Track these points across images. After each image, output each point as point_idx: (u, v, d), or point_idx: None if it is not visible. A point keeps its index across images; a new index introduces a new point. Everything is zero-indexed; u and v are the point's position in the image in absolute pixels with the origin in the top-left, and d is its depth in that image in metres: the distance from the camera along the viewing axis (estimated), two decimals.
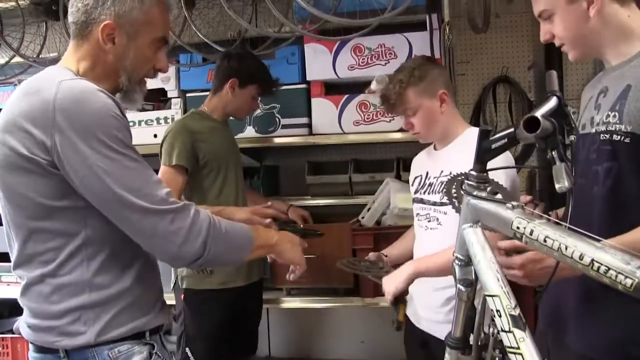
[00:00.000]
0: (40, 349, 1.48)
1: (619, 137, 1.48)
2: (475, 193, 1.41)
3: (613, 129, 1.49)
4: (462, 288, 1.45)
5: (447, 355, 1.52)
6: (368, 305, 3.03)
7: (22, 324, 1.52)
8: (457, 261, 1.48)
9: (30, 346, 1.51)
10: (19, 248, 1.47)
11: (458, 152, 2.07)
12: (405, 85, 2.09)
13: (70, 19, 1.52)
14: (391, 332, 3.38)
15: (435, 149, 2.24)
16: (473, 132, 2.13)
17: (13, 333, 3.54)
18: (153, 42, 1.55)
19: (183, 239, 1.43)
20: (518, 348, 1.27)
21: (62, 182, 1.39)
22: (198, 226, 1.45)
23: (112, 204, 1.40)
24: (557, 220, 1.24)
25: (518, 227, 1.27)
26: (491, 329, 1.41)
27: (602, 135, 1.52)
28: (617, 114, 1.49)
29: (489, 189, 1.38)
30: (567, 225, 1.21)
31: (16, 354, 3.55)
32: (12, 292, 3.56)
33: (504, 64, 3.46)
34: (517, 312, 1.31)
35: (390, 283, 2.00)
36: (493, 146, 1.39)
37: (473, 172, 1.42)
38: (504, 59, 3.46)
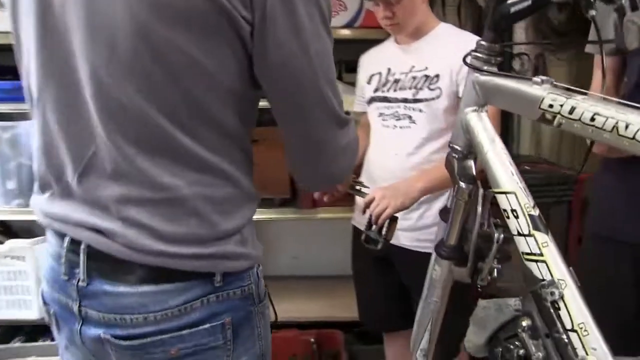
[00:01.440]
0: (174, 277, 1.00)
1: None
2: (485, 68, 1.15)
3: None
4: (464, 185, 1.20)
5: (437, 268, 1.29)
6: (304, 218, 2.78)
7: (133, 247, 0.99)
8: (453, 153, 1.23)
9: (140, 272, 1.00)
10: (159, 137, 0.97)
11: (435, 47, 1.92)
12: None
13: None
14: (327, 247, 3.22)
15: (398, 42, 1.99)
16: (447, 28, 1.97)
17: None
18: None
19: (348, 156, 1.15)
20: (541, 254, 1.05)
21: (246, 57, 0.97)
22: (356, 143, 1.17)
23: (310, 104, 1.02)
24: (599, 95, 0.99)
25: (551, 105, 1.01)
26: (497, 235, 1.18)
27: None
28: None
29: None
30: (618, 99, 0.96)
31: None
32: None
33: None
34: (536, 212, 1.08)
35: (395, 198, 1.74)
36: (512, 10, 1.11)
37: (483, 43, 1.15)
38: None
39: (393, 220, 1.67)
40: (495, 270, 1.22)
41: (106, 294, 1.01)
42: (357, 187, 1.73)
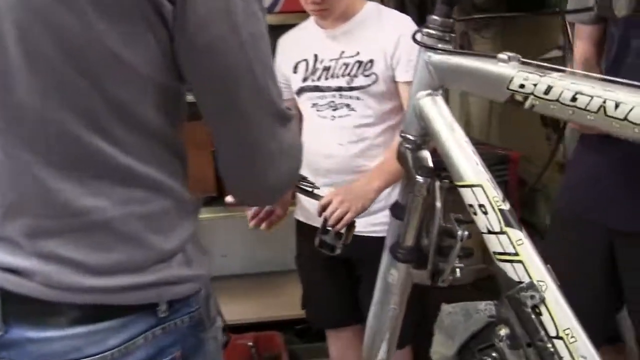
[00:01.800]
0: (112, 313, 0.85)
1: None
2: (440, 45, 1.02)
3: None
4: (421, 179, 1.06)
5: (393, 272, 1.16)
6: (233, 215, 2.62)
7: (57, 286, 0.83)
8: (406, 143, 1.10)
9: (70, 312, 0.84)
10: (73, 146, 0.80)
11: (364, 30, 1.79)
12: None
13: None
14: (257, 244, 3.08)
15: (322, 27, 1.84)
16: (374, 8, 1.83)
17: None
18: None
19: (290, 161, 0.95)
20: (516, 254, 0.93)
21: (169, 44, 0.80)
22: (300, 145, 0.97)
23: (244, 96, 0.84)
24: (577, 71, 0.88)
25: (522, 85, 0.89)
26: (460, 232, 1.06)
27: None
28: None
29: None
30: (601, 76, 0.85)
31: None
32: None
33: None
34: (507, 206, 0.97)
35: (355, 201, 1.62)
36: None
37: (436, 18, 1.02)
38: None
39: (351, 223, 1.55)
40: (458, 270, 1.10)
41: (30, 341, 0.84)
42: (308, 188, 1.58)
